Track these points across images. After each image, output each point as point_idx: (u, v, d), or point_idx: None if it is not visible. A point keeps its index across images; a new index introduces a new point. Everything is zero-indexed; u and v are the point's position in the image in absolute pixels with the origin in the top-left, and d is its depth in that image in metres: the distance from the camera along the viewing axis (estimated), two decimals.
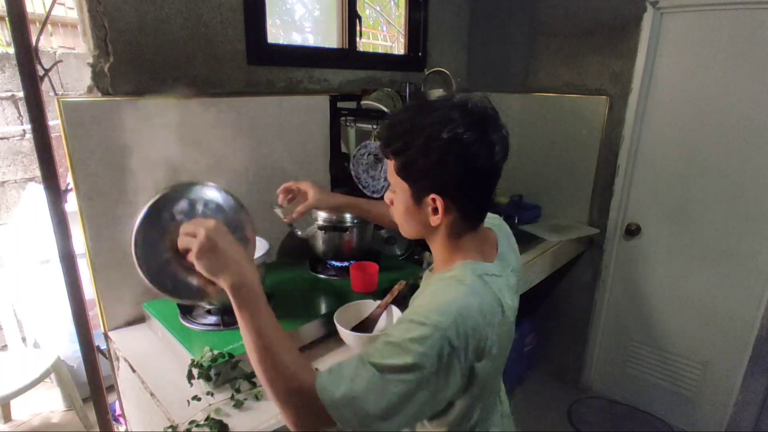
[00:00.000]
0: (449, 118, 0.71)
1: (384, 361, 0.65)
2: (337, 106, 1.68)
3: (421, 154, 0.72)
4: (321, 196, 1.16)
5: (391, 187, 0.81)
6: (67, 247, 1.12)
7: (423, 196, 0.75)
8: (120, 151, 1.19)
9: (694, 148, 1.91)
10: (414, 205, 0.78)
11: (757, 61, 1.71)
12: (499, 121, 0.74)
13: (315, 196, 1.15)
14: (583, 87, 2.16)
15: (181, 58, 1.32)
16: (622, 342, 2.29)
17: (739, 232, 1.87)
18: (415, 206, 0.78)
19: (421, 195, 0.76)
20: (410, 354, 0.64)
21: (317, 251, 1.52)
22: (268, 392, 0.70)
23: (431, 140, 0.71)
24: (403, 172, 0.76)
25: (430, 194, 0.74)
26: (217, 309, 1.18)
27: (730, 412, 2.01)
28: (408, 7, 2.09)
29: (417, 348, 0.65)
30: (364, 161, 1.62)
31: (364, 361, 0.66)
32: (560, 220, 2.32)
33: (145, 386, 1.06)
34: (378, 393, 0.64)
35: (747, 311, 1.89)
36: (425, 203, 0.76)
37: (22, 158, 2.34)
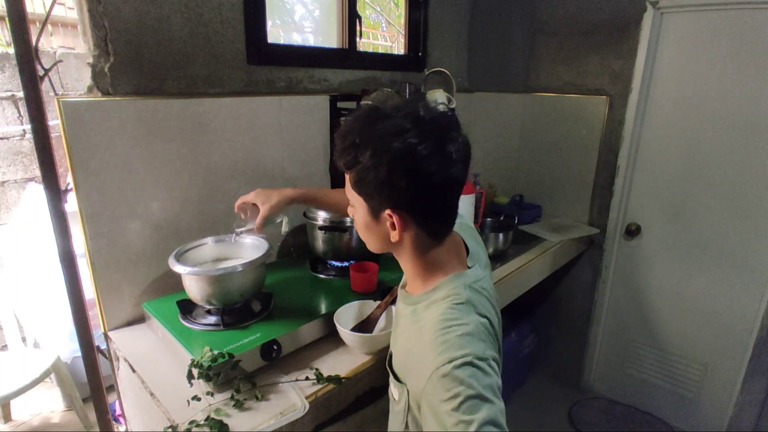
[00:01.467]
0: (401, 129, 0.66)
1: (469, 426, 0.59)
2: (337, 106, 1.68)
3: (371, 168, 0.67)
4: (268, 202, 1.12)
5: (351, 201, 0.78)
6: (67, 247, 1.12)
7: (379, 211, 0.72)
8: (120, 151, 1.20)
9: (694, 148, 1.91)
10: (372, 220, 0.75)
11: (757, 61, 1.71)
12: (456, 129, 0.70)
13: (263, 204, 1.12)
14: (583, 87, 2.16)
15: (181, 58, 1.31)
16: (623, 342, 2.28)
17: (740, 233, 1.86)
18: (374, 221, 0.74)
19: (377, 210, 0.73)
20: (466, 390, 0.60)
21: (317, 251, 1.52)
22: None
23: (381, 153, 0.66)
24: (357, 187, 0.72)
25: (386, 209, 0.71)
26: (217, 309, 1.18)
27: (730, 413, 2.01)
28: (408, 7, 2.09)
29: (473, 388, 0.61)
30: None
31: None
32: (560, 219, 2.32)
33: (145, 386, 1.06)
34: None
35: (747, 311, 1.89)
36: (382, 218, 0.72)
37: (22, 158, 2.34)
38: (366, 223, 0.76)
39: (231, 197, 1.46)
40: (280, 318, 1.21)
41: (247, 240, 1.31)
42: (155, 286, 1.33)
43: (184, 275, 1.14)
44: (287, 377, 1.07)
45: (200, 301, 1.17)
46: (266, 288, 1.30)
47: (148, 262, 1.31)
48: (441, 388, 0.62)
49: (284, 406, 0.97)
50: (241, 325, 1.16)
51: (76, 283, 1.15)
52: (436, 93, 1.75)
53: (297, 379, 1.06)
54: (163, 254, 1.28)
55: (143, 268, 1.30)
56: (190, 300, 1.20)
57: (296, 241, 1.68)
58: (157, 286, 1.34)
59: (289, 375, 1.08)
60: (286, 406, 0.98)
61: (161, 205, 1.30)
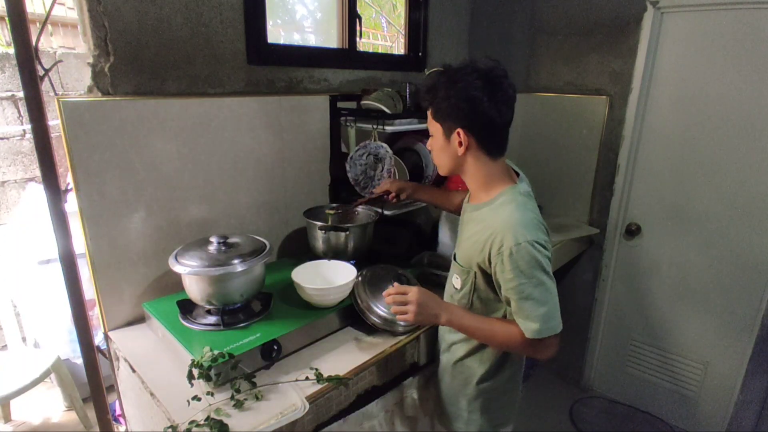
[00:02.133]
0: (464, 73, 0.97)
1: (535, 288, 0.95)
2: (337, 106, 1.68)
3: (444, 99, 0.99)
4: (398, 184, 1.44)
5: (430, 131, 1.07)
6: (67, 247, 1.12)
7: (450, 132, 1.01)
8: (120, 151, 1.20)
9: (695, 147, 1.91)
10: (445, 141, 1.03)
11: (757, 61, 1.71)
12: (504, 76, 0.99)
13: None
14: (584, 87, 2.16)
15: (181, 58, 1.31)
16: (623, 342, 2.28)
17: (740, 232, 1.86)
18: (446, 142, 1.03)
19: (449, 132, 1.02)
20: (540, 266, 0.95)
21: (317, 251, 1.51)
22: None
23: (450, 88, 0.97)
24: (435, 115, 1.03)
25: (455, 129, 1.00)
26: (217, 309, 1.18)
27: (730, 412, 2.01)
28: (408, 7, 2.09)
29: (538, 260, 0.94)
30: (362, 162, 1.62)
31: (526, 302, 0.96)
32: (561, 219, 2.32)
33: (145, 386, 1.06)
34: (546, 300, 0.96)
35: (748, 311, 1.89)
36: (452, 138, 1.01)
37: (22, 158, 2.34)
38: (441, 146, 1.05)
39: (231, 197, 1.46)
40: (280, 318, 1.21)
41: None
42: (155, 286, 1.33)
43: (184, 275, 1.14)
44: (287, 377, 1.07)
45: (200, 301, 1.17)
46: (266, 288, 1.30)
47: (148, 262, 1.31)
48: (518, 258, 0.93)
49: (284, 406, 0.97)
50: (241, 325, 1.16)
51: (76, 283, 1.15)
52: None
53: (297, 379, 1.06)
54: (163, 254, 1.28)
55: (143, 268, 1.30)
56: (190, 300, 1.20)
57: (296, 241, 1.68)
58: (157, 286, 1.34)
59: (289, 375, 1.08)
60: (286, 406, 0.98)
61: (161, 205, 1.30)
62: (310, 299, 1.25)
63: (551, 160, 2.32)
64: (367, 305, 1.25)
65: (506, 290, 0.98)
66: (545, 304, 0.96)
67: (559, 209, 2.36)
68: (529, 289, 0.95)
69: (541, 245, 0.95)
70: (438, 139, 1.06)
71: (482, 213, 1.05)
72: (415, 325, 1.26)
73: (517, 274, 0.95)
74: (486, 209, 1.05)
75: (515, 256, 0.94)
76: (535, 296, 0.95)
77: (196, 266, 1.12)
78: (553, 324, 0.97)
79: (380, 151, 1.57)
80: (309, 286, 1.23)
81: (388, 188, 1.42)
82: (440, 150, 1.06)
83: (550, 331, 0.96)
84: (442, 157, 1.08)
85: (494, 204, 1.03)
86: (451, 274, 1.18)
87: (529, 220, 0.98)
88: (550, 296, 0.97)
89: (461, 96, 0.97)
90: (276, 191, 1.58)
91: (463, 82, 0.96)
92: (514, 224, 0.96)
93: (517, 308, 0.98)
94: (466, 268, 1.09)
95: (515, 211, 0.98)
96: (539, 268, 0.95)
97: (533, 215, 1.00)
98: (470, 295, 1.10)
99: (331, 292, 1.25)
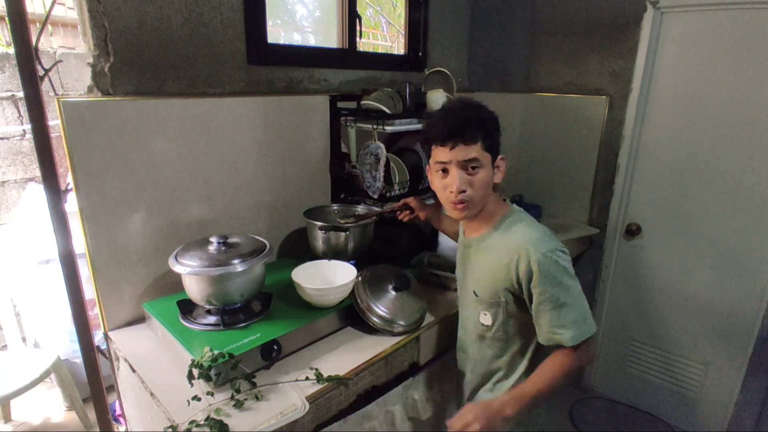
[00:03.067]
0: (483, 106, 1.03)
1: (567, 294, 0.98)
2: (337, 106, 1.68)
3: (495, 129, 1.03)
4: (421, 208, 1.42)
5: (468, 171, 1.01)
6: (67, 247, 1.12)
7: (495, 160, 1.04)
8: (120, 151, 1.20)
9: (695, 147, 1.91)
10: (491, 171, 1.03)
11: (757, 61, 1.71)
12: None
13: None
14: (584, 87, 2.16)
15: (181, 58, 1.31)
16: (623, 342, 2.28)
17: (740, 232, 1.86)
18: (491, 174, 1.03)
19: (494, 161, 1.04)
20: (567, 273, 0.99)
21: (317, 251, 1.51)
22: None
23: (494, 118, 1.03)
24: (490, 147, 1.02)
25: (498, 157, 1.04)
26: (217, 309, 1.18)
27: (731, 412, 2.00)
28: (408, 7, 2.09)
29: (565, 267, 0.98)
30: (367, 161, 1.62)
31: (560, 310, 0.98)
32: (560, 219, 2.32)
33: (145, 386, 1.06)
34: (578, 303, 1.00)
35: (748, 311, 1.89)
36: (496, 165, 1.04)
37: (22, 158, 2.34)
38: (489, 175, 1.03)
39: (231, 197, 1.46)
40: (280, 318, 1.21)
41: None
42: (155, 286, 1.33)
43: (184, 275, 1.14)
44: (287, 377, 1.07)
45: (200, 301, 1.17)
46: (266, 288, 1.30)
47: (148, 262, 1.31)
48: (547, 268, 0.96)
49: (284, 406, 0.97)
50: (241, 325, 1.16)
51: (76, 283, 1.15)
52: (436, 93, 1.74)
53: (297, 379, 1.06)
54: (163, 254, 1.28)
55: (143, 268, 1.30)
56: (190, 300, 1.20)
57: (296, 241, 1.68)
58: (157, 286, 1.34)
59: (289, 375, 1.08)
60: (286, 406, 0.98)
61: (161, 205, 1.30)
62: (310, 299, 1.25)
63: (551, 160, 2.31)
64: (367, 305, 1.25)
65: (539, 303, 0.99)
66: (577, 307, 0.99)
67: (558, 209, 2.36)
68: (562, 296, 0.97)
69: (561, 251, 1.00)
70: (487, 171, 1.03)
71: (492, 241, 1.07)
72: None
73: (548, 285, 0.97)
74: (495, 235, 1.06)
75: (544, 267, 0.96)
76: (569, 302, 0.98)
77: (196, 266, 1.12)
78: (588, 326, 0.99)
79: (378, 152, 1.57)
80: (309, 286, 1.23)
81: (411, 205, 1.39)
82: (488, 184, 1.04)
83: (586, 333, 0.99)
84: (486, 190, 1.04)
85: (501, 228, 1.06)
86: (472, 312, 1.15)
87: (545, 233, 1.02)
88: (580, 298, 1.00)
89: (499, 129, 1.04)
90: (276, 191, 1.59)
91: (494, 115, 1.03)
92: (533, 239, 0.99)
93: (551, 319, 0.98)
94: (493, 301, 1.07)
95: (528, 228, 1.03)
96: (566, 274, 0.98)
97: (543, 228, 1.04)
98: (504, 326, 1.09)
99: (331, 292, 1.25)
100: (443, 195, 1.05)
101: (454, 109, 1.04)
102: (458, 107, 1.03)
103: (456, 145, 0.99)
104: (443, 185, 1.04)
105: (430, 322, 1.34)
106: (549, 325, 0.99)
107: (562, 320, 0.98)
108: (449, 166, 1.01)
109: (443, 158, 1.01)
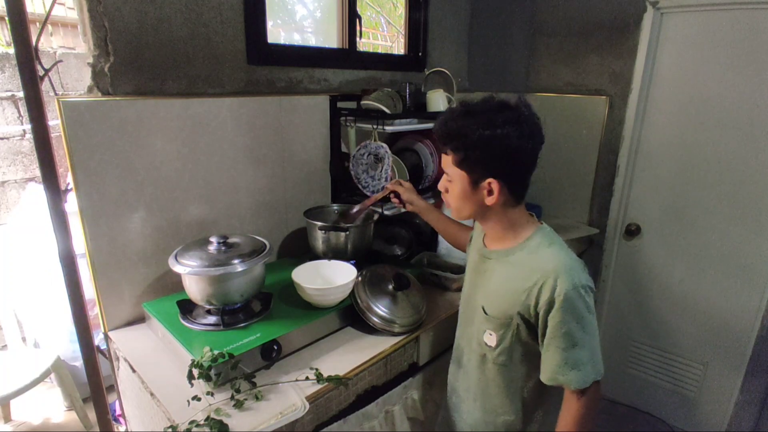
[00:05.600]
0: (496, 122, 0.86)
1: (584, 333, 0.90)
2: (337, 106, 1.68)
3: (476, 149, 0.89)
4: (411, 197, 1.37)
5: (446, 176, 0.98)
6: (67, 247, 1.12)
7: (479, 181, 0.92)
8: (120, 151, 1.20)
9: (695, 148, 1.91)
10: (471, 189, 0.94)
11: (757, 61, 1.71)
12: (533, 117, 0.90)
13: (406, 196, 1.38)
14: (583, 87, 2.16)
15: (181, 58, 1.31)
16: (623, 342, 2.28)
17: (740, 232, 1.86)
18: (472, 191, 0.94)
19: (477, 181, 0.92)
20: (590, 311, 0.91)
21: (317, 251, 1.51)
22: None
23: (481, 137, 0.87)
24: (462, 164, 0.92)
25: (486, 179, 0.91)
26: (217, 309, 1.18)
27: (730, 412, 2.01)
28: (408, 7, 2.09)
29: (589, 305, 0.91)
30: (363, 161, 1.62)
31: (575, 349, 0.90)
32: (560, 219, 2.32)
33: (145, 386, 1.06)
34: (593, 345, 0.92)
35: (747, 311, 1.89)
36: (481, 187, 0.92)
37: (22, 158, 2.34)
38: (464, 193, 0.95)
39: (231, 197, 1.46)
40: (280, 318, 1.21)
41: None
42: (155, 286, 1.33)
43: (184, 275, 1.14)
44: (287, 377, 1.07)
45: (200, 301, 1.17)
46: (266, 288, 1.30)
47: (148, 262, 1.31)
48: (574, 302, 0.89)
49: (284, 406, 0.97)
50: (241, 325, 1.16)
51: (76, 283, 1.15)
52: (436, 93, 1.75)
53: (297, 379, 1.06)
54: (163, 254, 1.28)
55: (143, 268, 1.30)
56: (190, 300, 1.20)
57: (296, 241, 1.68)
58: (157, 286, 1.34)
59: (289, 375, 1.08)
60: (286, 406, 0.98)
61: (161, 205, 1.30)
62: (310, 299, 1.25)
63: (551, 160, 2.31)
64: (367, 305, 1.25)
65: (552, 337, 0.91)
66: (591, 349, 0.92)
67: (558, 209, 2.36)
68: (580, 334, 0.90)
69: (591, 289, 0.92)
70: (460, 186, 0.95)
71: (516, 258, 0.97)
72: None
73: (569, 320, 0.89)
74: (520, 254, 0.97)
75: (571, 302, 0.88)
76: (585, 342, 0.90)
77: (196, 266, 1.12)
78: (598, 368, 0.93)
79: (380, 152, 1.57)
80: (309, 286, 1.23)
81: (397, 191, 1.38)
82: (462, 198, 0.96)
83: (596, 375, 0.92)
84: (463, 205, 0.98)
85: (528, 247, 0.97)
86: (476, 329, 1.06)
87: (577, 263, 0.93)
88: (595, 344, 0.93)
89: (498, 145, 0.87)
90: (276, 191, 1.59)
91: (501, 130, 0.86)
92: (567, 267, 0.90)
93: (561, 358, 0.91)
94: (503, 321, 0.99)
95: (560, 253, 0.94)
96: (590, 312, 0.91)
97: (575, 256, 0.95)
98: (510, 351, 1.00)
99: (331, 292, 1.25)
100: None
101: (452, 112, 0.95)
102: (457, 112, 0.93)
103: (442, 149, 0.97)
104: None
105: (430, 322, 1.34)
106: (556, 364, 0.92)
107: (570, 361, 0.90)
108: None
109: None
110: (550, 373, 0.94)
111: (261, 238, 1.29)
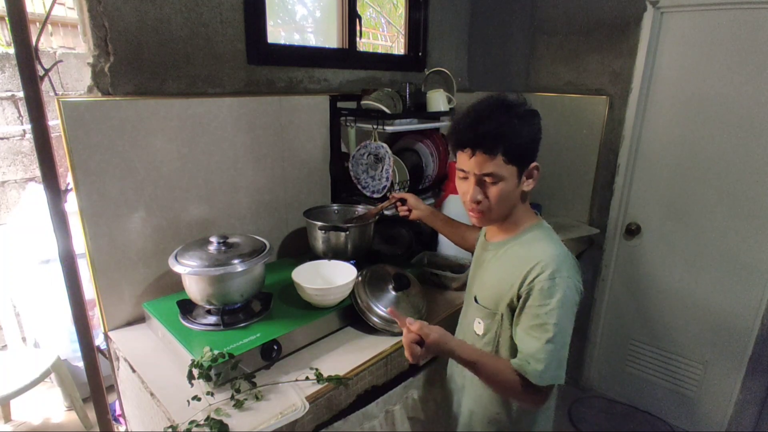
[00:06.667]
0: (517, 111, 0.92)
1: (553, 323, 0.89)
2: (337, 106, 1.68)
3: (520, 140, 0.92)
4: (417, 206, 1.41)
5: (489, 180, 0.94)
6: (67, 247, 1.12)
7: (525, 170, 0.95)
8: (120, 151, 1.20)
9: (695, 147, 1.91)
10: (518, 183, 0.96)
11: (757, 61, 1.71)
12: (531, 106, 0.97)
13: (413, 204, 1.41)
14: (584, 87, 2.16)
15: (181, 58, 1.31)
16: (623, 341, 2.29)
17: (740, 232, 1.86)
18: (518, 184, 0.96)
19: (524, 171, 0.95)
20: (571, 310, 0.91)
21: (317, 251, 1.51)
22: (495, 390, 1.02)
23: (521, 129, 0.92)
24: (513, 160, 0.93)
25: (530, 165, 0.95)
26: (217, 309, 1.18)
27: (730, 412, 2.01)
28: (408, 7, 2.09)
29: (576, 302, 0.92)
30: (363, 161, 1.62)
31: (541, 340, 0.89)
32: (560, 219, 2.32)
33: (145, 386, 1.06)
34: (564, 347, 0.91)
35: (747, 311, 1.89)
36: (526, 175, 0.96)
37: (22, 158, 2.34)
38: (512, 189, 0.96)
39: (231, 197, 1.46)
40: (280, 318, 1.21)
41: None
42: (155, 286, 1.33)
43: (184, 275, 1.14)
44: (287, 377, 1.07)
45: (200, 301, 1.17)
46: (266, 288, 1.30)
47: (148, 262, 1.31)
48: (555, 290, 0.89)
49: (284, 406, 0.97)
50: (241, 325, 1.16)
51: (76, 283, 1.15)
52: (436, 93, 1.75)
53: (297, 379, 1.06)
54: (163, 254, 1.28)
55: (143, 268, 1.30)
56: (190, 300, 1.20)
57: (296, 241, 1.68)
58: (157, 286, 1.34)
59: (289, 375, 1.08)
60: (286, 406, 0.98)
61: (161, 205, 1.30)
62: (310, 299, 1.25)
63: (551, 160, 2.31)
64: (367, 305, 1.25)
65: (525, 321, 0.92)
66: (560, 349, 0.90)
67: (558, 209, 2.36)
68: (552, 327, 0.88)
69: (579, 291, 0.92)
70: (512, 183, 0.95)
71: (509, 249, 1.00)
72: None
73: (545, 307, 0.89)
74: (513, 244, 1.00)
75: (553, 288, 0.89)
76: (556, 338, 0.88)
77: (196, 266, 1.12)
78: (560, 373, 0.90)
79: (380, 151, 1.57)
80: (309, 286, 1.23)
81: (406, 199, 1.39)
82: (508, 195, 0.96)
83: (554, 379, 0.90)
84: (506, 203, 0.97)
85: (522, 239, 1.00)
86: (469, 318, 1.11)
87: (571, 259, 0.94)
88: (565, 345, 0.91)
89: (529, 132, 0.93)
90: (276, 191, 1.59)
91: (528, 119, 0.93)
92: (556, 257, 0.92)
93: (528, 343, 0.91)
94: (492, 311, 1.02)
95: (553, 245, 0.96)
96: (570, 312, 0.90)
97: (569, 252, 0.96)
98: (495, 341, 1.03)
99: (331, 292, 1.25)
100: (462, 198, 1.01)
101: (480, 111, 0.93)
102: (485, 110, 0.93)
103: (474, 154, 0.92)
104: (462, 190, 1.00)
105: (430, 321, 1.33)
106: (523, 348, 0.92)
107: (536, 347, 0.89)
108: (468, 174, 0.96)
109: (463, 166, 0.96)
110: (518, 360, 0.93)
111: (261, 238, 1.29)
